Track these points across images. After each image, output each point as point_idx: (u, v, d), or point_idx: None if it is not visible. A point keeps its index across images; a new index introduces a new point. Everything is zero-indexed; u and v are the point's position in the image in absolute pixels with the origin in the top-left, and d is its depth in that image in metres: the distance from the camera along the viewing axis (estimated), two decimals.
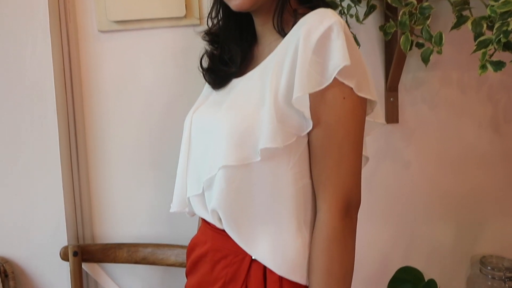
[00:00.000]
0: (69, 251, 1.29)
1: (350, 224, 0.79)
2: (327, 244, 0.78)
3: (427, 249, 1.47)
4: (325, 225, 0.78)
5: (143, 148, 1.35)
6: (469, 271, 1.48)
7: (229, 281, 0.86)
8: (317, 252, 0.79)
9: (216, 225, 0.87)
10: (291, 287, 0.81)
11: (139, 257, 1.31)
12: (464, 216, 1.46)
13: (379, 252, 1.46)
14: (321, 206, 0.79)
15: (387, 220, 1.44)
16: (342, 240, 0.78)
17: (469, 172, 1.44)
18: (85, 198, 1.36)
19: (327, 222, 0.78)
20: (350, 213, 0.79)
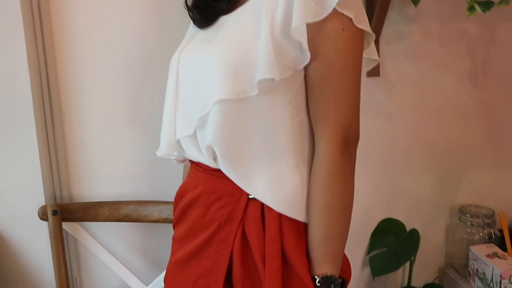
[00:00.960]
0: (48, 210, 1.25)
1: (350, 158, 0.78)
2: (327, 179, 0.77)
3: (408, 201, 1.49)
4: (324, 159, 0.77)
5: (121, 103, 1.30)
6: (449, 220, 1.52)
7: (224, 223, 0.84)
8: (317, 187, 0.78)
9: (210, 165, 0.84)
10: (290, 225, 0.80)
11: (121, 215, 1.28)
12: (444, 167, 1.49)
13: (362, 205, 1.47)
14: (319, 141, 0.78)
15: (369, 174, 1.46)
16: (341, 174, 0.77)
17: (449, 124, 1.47)
18: (62, 157, 1.31)
19: (326, 157, 0.77)
20: (349, 147, 0.78)
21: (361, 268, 1.51)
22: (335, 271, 0.80)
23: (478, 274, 1.36)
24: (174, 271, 0.96)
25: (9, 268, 1.31)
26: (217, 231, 0.85)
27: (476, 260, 1.37)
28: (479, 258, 1.35)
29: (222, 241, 0.85)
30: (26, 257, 1.31)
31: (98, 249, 1.30)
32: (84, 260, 1.38)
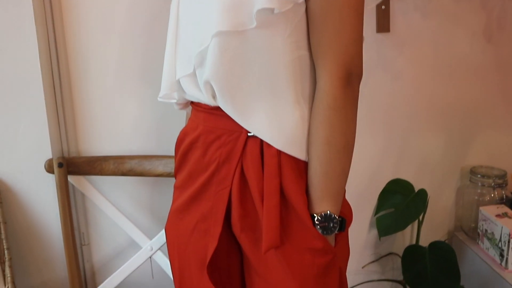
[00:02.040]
0: (54, 163, 1.26)
1: (352, 93, 0.76)
2: (327, 114, 0.75)
3: (417, 161, 1.46)
4: (326, 94, 0.75)
5: (127, 60, 1.29)
6: (459, 182, 1.49)
7: (222, 163, 0.83)
8: (317, 122, 0.76)
9: (209, 103, 0.83)
10: (289, 162, 0.79)
11: (126, 169, 1.28)
12: (455, 127, 1.45)
13: (369, 165, 1.45)
14: (321, 76, 0.76)
15: (378, 133, 1.43)
16: (343, 109, 0.75)
17: (461, 82, 1.42)
18: (68, 112, 1.31)
19: (327, 91, 0.75)
20: (351, 82, 0.76)
21: (368, 229, 1.50)
22: (335, 209, 0.79)
23: (486, 235, 1.33)
24: (174, 219, 0.96)
25: (17, 222, 1.34)
26: (216, 171, 0.85)
27: (485, 220, 1.34)
28: (488, 218, 1.32)
29: (220, 181, 0.85)
30: (34, 211, 1.34)
31: (103, 204, 1.31)
32: (91, 216, 1.40)
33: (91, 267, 1.44)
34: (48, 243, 1.37)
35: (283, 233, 0.80)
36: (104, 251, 1.43)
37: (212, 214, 0.87)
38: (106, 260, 1.43)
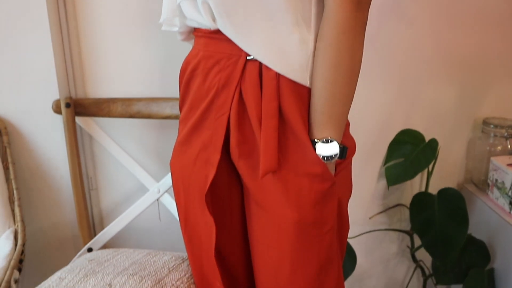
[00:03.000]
0: (62, 103, 1.26)
1: (361, 17, 0.74)
2: (336, 35, 0.73)
3: (429, 111, 1.43)
4: (335, 16, 0.73)
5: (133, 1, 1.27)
6: (471, 134, 1.46)
7: (222, 88, 0.82)
8: (325, 44, 0.74)
9: (209, 27, 0.82)
10: (289, 85, 0.78)
11: (134, 111, 1.28)
12: (469, 77, 1.41)
13: (380, 115, 1.43)
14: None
15: (389, 82, 1.40)
16: (352, 32, 0.73)
17: (477, 30, 1.38)
18: (76, 54, 1.30)
19: (337, 13, 0.73)
20: (361, 5, 0.73)
21: (377, 180, 1.49)
22: (337, 136, 0.77)
23: (496, 184, 1.31)
24: (178, 152, 0.96)
25: (26, 163, 1.34)
26: (215, 97, 0.84)
27: (496, 170, 1.32)
28: (499, 167, 1.30)
29: (219, 108, 0.84)
30: (42, 153, 1.34)
31: (111, 146, 1.31)
32: (98, 161, 1.40)
33: (99, 212, 1.45)
34: (57, 186, 1.38)
35: (281, 158, 0.79)
36: (112, 197, 1.44)
37: (212, 143, 0.86)
38: (114, 206, 1.44)
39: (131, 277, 0.99)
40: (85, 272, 1.02)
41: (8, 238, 1.24)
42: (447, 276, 1.33)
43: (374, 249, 1.54)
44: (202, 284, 1.00)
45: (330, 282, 0.86)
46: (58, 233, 1.42)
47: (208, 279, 0.97)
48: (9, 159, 1.29)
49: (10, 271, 1.12)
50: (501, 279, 1.28)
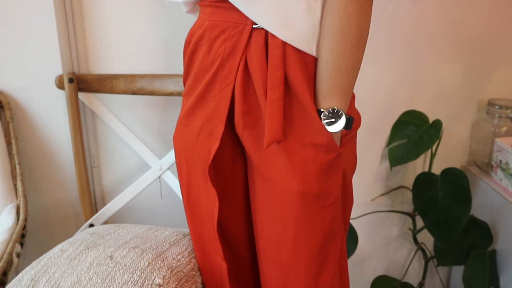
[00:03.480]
0: (65, 78, 1.25)
1: None
2: (343, 4, 0.72)
3: (433, 92, 1.42)
4: None
5: None
6: (475, 115, 1.45)
7: (227, 58, 0.81)
8: (333, 12, 0.73)
9: None
10: (295, 54, 0.77)
11: (136, 87, 1.27)
12: (475, 57, 1.40)
13: (384, 95, 1.42)
14: None
15: (392, 62, 1.39)
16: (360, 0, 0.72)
17: (485, 9, 1.36)
18: (79, 30, 1.29)
19: None
20: None
21: (380, 161, 1.48)
22: (343, 106, 0.77)
23: (500, 165, 1.31)
24: (181, 126, 0.95)
25: (28, 139, 1.34)
26: (220, 67, 0.83)
27: (500, 151, 1.31)
28: (503, 148, 1.29)
29: (224, 78, 0.83)
30: (45, 129, 1.34)
31: (113, 122, 1.31)
32: (101, 138, 1.40)
33: (101, 190, 1.45)
34: (59, 163, 1.38)
35: (286, 127, 0.78)
36: (114, 175, 1.43)
37: (216, 114, 0.86)
38: (116, 184, 1.44)
39: (132, 250, 0.99)
40: (87, 244, 1.02)
41: (10, 212, 1.24)
42: (448, 258, 1.32)
43: (376, 231, 1.54)
44: (203, 259, 1.00)
45: (333, 256, 0.86)
46: (60, 210, 1.42)
47: (209, 253, 0.97)
48: (12, 134, 1.29)
49: (12, 244, 1.13)
50: (503, 260, 1.27)
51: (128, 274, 0.92)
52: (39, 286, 0.92)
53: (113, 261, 0.95)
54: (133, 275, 0.92)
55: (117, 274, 0.92)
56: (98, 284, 0.90)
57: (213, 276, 0.98)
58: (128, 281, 0.90)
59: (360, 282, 1.59)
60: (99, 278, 0.91)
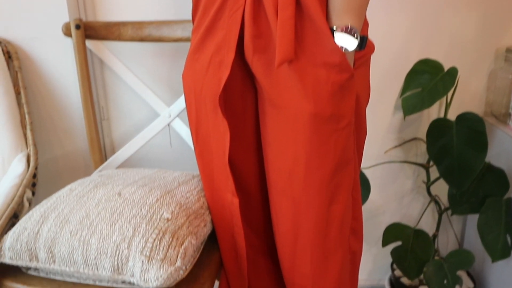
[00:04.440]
0: (71, 25, 1.23)
1: None
2: None
3: (449, 41, 1.38)
4: None
5: None
6: (492, 64, 1.41)
7: None
8: None
9: None
10: None
11: (144, 34, 1.25)
12: (491, 2, 1.35)
13: (397, 44, 1.38)
14: None
15: (407, 9, 1.34)
16: None
17: None
18: None
19: None
20: None
21: (393, 112, 1.45)
22: (357, 24, 0.74)
23: None
24: (190, 61, 0.94)
25: (37, 89, 1.34)
26: None
27: None
28: None
29: (234, 3, 0.81)
30: (53, 79, 1.33)
31: (121, 70, 1.29)
32: (110, 90, 1.39)
33: (111, 143, 1.44)
34: (68, 114, 1.37)
35: (298, 48, 0.76)
36: (124, 127, 1.43)
37: (225, 42, 0.84)
38: (126, 136, 1.43)
39: (140, 187, 0.99)
40: (95, 183, 1.02)
41: (20, 160, 1.24)
42: (463, 206, 1.30)
43: (389, 184, 1.52)
44: (213, 197, 0.99)
45: (346, 186, 0.84)
46: (70, 162, 1.42)
47: (219, 191, 0.96)
48: (21, 83, 1.28)
49: (22, 189, 1.13)
50: None
51: (137, 209, 0.91)
52: (48, 221, 0.91)
53: (121, 197, 0.95)
54: (141, 210, 0.91)
55: (125, 209, 0.91)
56: (106, 218, 0.89)
57: (223, 215, 0.97)
58: (136, 215, 0.90)
59: (373, 236, 1.58)
60: (108, 213, 0.91)
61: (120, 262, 0.85)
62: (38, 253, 0.89)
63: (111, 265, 0.85)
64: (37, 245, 0.89)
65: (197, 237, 0.92)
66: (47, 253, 0.88)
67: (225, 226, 0.97)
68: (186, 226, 0.91)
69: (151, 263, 0.83)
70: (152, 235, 0.86)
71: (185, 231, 0.90)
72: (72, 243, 0.87)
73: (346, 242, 0.89)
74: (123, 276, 0.85)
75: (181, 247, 0.87)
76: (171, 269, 0.83)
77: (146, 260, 0.83)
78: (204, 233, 0.97)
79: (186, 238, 0.89)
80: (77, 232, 0.88)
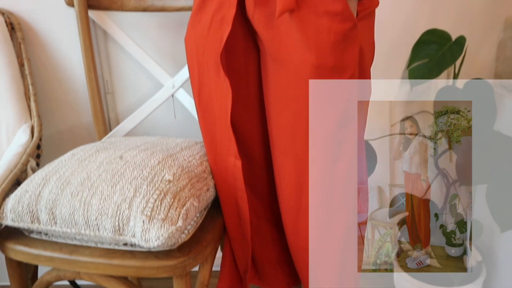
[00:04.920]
0: None
1: None
2: None
3: (456, 10, 1.35)
4: None
5: None
6: (502, 34, 1.38)
7: None
8: None
9: None
10: None
11: (147, 4, 1.24)
12: None
13: (404, 14, 1.35)
14: None
15: None
16: None
17: None
18: None
19: None
20: None
21: (400, 85, 1.43)
22: None
23: None
24: (192, 23, 0.93)
25: (41, 61, 1.33)
26: None
27: None
28: None
29: None
30: (57, 51, 1.33)
31: (124, 41, 1.28)
32: (114, 63, 1.38)
33: (115, 116, 1.44)
34: (72, 86, 1.37)
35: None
36: (128, 101, 1.42)
37: None
38: (130, 110, 1.42)
39: (142, 151, 0.98)
40: (97, 148, 1.01)
41: (24, 131, 1.24)
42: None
43: None
44: (216, 161, 0.98)
45: (350, 142, 0.82)
46: (75, 136, 1.42)
47: (222, 155, 0.95)
48: (24, 55, 1.28)
49: (26, 157, 1.13)
50: None
51: (138, 171, 0.90)
52: (49, 183, 0.91)
53: (123, 160, 0.94)
54: (143, 172, 0.90)
55: (126, 171, 0.91)
56: (107, 179, 0.89)
57: (226, 179, 0.96)
58: (137, 176, 0.89)
59: None
60: (109, 174, 0.90)
61: (121, 222, 0.84)
62: (40, 214, 0.89)
63: (112, 225, 0.85)
64: (39, 207, 0.89)
65: (199, 200, 0.91)
66: (48, 215, 0.88)
67: (228, 190, 0.96)
68: (188, 189, 0.90)
69: (152, 222, 0.82)
70: (153, 195, 0.85)
71: (187, 193, 0.89)
72: (73, 204, 0.87)
73: (353, 202, 0.87)
74: (124, 237, 0.85)
75: (183, 208, 0.86)
76: (172, 228, 0.82)
77: (147, 220, 0.82)
78: (207, 198, 0.96)
79: (188, 200, 0.88)
80: (78, 193, 0.87)
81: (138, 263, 0.86)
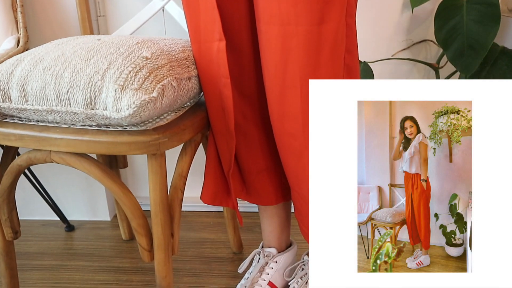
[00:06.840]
0: None
1: None
2: None
3: None
4: None
5: None
6: None
7: None
8: None
9: None
10: None
11: None
12: None
13: None
14: None
15: None
16: None
17: None
18: None
19: None
20: None
21: (401, 10, 1.36)
22: None
23: None
24: None
25: None
26: None
27: None
28: None
29: None
30: None
31: None
32: None
33: None
34: (62, 9, 1.33)
35: None
36: (121, 24, 1.38)
37: None
38: None
39: (122, 37, 0.93)
40: (77, 37, 0.97)
41: (10, 42, 1.21)
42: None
43: None
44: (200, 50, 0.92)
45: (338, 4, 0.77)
46: None
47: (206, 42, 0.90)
48: None
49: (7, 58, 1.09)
50: None
51: (114, 48, 0.86)
52: (23, 62, 0.87)
53: (100, 41, 0.90)
54: (120, 49, 0.86)
55: (102, 48, 0.86)
56: (82, 55, 0.85)
57: (210, 68, 0.91)
58: (113, 52, 0.85)
59: None
60: (83, 51, 0.86)
61: (93, 94, 0.80)
62: (11, 92, 0.85)
63: (83, 98, 0.80)
64: (10, 84, 0.85)
65: (178, 83, 0.86)
66: (19, 91, 0.84)
67: (212, 80, 0.91)
68: (167, 69, 0.85)
69: (124, 92, 0.78)
70: (128, 68, 0.81)
71: (166, 72, 0.84)
72: (45, 78, 0.83)
73: (340, 69, 0.82)
74: (96, 111, 0.80)
75: (159, 83, 0.81)
76: (145, 97, 0.77)
77: (119, 89, 0.78)
78: (188, 88, 0.91)
79: (166, 78, 0.83)
80: (50, 68, 0.83)
81: (110, 139, 0.82)
